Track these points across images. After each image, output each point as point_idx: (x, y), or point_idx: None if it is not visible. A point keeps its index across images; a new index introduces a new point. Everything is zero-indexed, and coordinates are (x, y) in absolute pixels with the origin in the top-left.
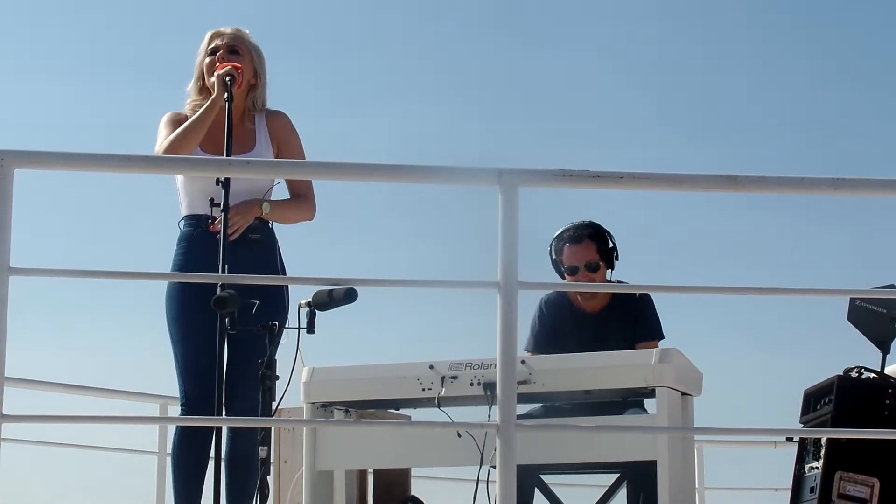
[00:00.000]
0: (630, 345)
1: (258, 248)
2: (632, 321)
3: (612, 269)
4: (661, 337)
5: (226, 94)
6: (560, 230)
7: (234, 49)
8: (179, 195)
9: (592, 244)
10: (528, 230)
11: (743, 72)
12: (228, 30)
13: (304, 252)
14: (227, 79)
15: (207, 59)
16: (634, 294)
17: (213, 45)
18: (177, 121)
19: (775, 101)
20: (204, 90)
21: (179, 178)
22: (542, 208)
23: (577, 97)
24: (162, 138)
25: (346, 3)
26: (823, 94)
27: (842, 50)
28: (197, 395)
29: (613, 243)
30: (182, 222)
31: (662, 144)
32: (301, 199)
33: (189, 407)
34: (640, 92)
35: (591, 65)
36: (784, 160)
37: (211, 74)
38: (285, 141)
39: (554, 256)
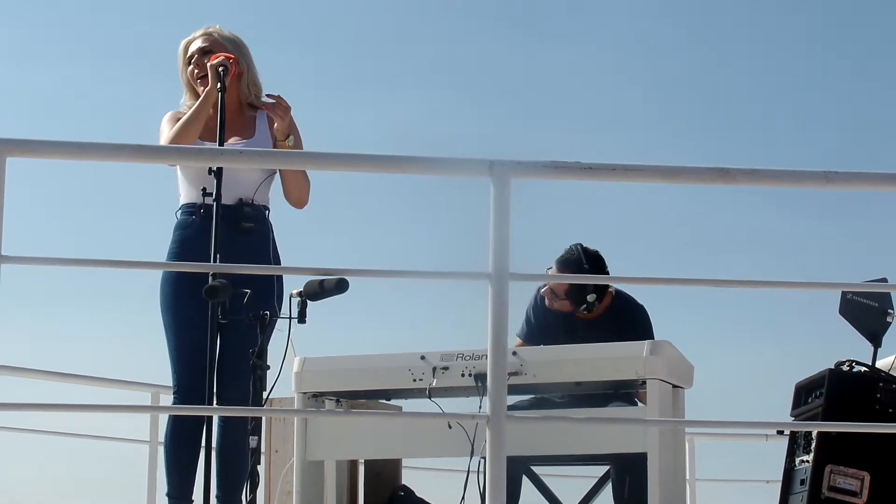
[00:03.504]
0: None
1: (254, 238)
2: (626, 328)
3: (596, 295)
4: None
5: (219, 85)
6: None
7: (208, 49)
8: (179, 185)
9: (567, 302)
10: (519, 221)
11: (740, 67)
12: (198, 33)
13: (295, 242)
14: (220, 69)
15: (190, 68)
16: (630, 305)
17: (189, 55)
18: (177, 118)
19: (771, 95)
20: (193, 92)
21: (179, 169)
22: (534, 199)
23: (573, 91)
24: (165, 136)
25: None
26: (818, 89)
27: (838, 45)
28: (189, 383)
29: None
30: (179, 211)
31: (658, 139)
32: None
33: (182, 395)
34: (638, 86)
35: (589, 58)
36: (778, 155)
37: (197, 82)
38: None
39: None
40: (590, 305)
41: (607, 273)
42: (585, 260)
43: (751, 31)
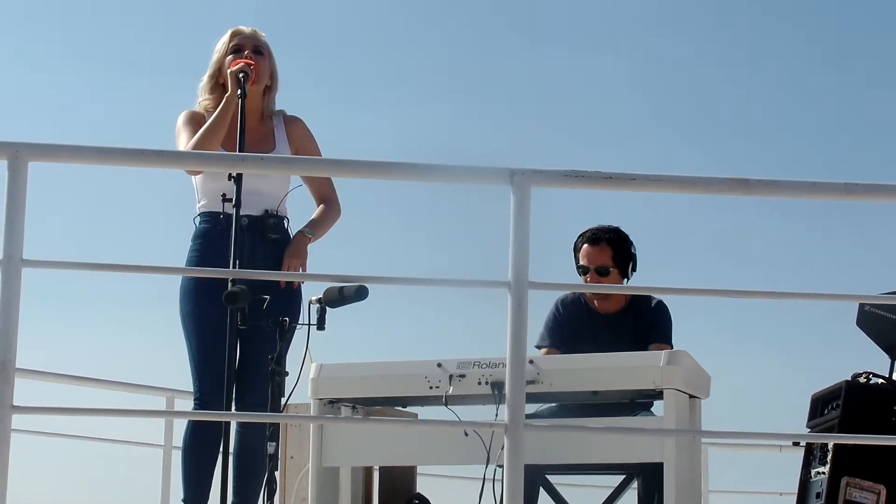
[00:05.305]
0: (642, 348)
1: (278, 248)
2: (647, 326)
3: (627, 277)
4: (671, 346)
5: (239, 91)
6: (585, 229)
7: (259, 49)
8: (196, 193)
9: (608, 249)
10: (539, 230)
11: (754, 75)
12: (248, 29)
13: (315, 249)
14: (241, 76)
15: (229, 57)
16: (651, 301)
17: (234, 44)
18: (194, 119)
19: (786, 104)
20: (217, 87)
21: (197, 179)
22: (554, 208)
23: (590, 97)
24: (183, 138)
25: (356, 2)
26: (834, 98)
27: (849, 53)
28: (210, 390)
29: (633, 252)
30: (198, 219)
31: (672, 146)
32: (329, 204)
33: (202, 402)
34: (653, 93)
35: (606, 65)
36: (794, 165)
37: (227, 73)
38: (304, 148)
39: (574, 253)
40: (624, 260)
41: (634, 253)
42: (622, 235)
43: (767, 40)
